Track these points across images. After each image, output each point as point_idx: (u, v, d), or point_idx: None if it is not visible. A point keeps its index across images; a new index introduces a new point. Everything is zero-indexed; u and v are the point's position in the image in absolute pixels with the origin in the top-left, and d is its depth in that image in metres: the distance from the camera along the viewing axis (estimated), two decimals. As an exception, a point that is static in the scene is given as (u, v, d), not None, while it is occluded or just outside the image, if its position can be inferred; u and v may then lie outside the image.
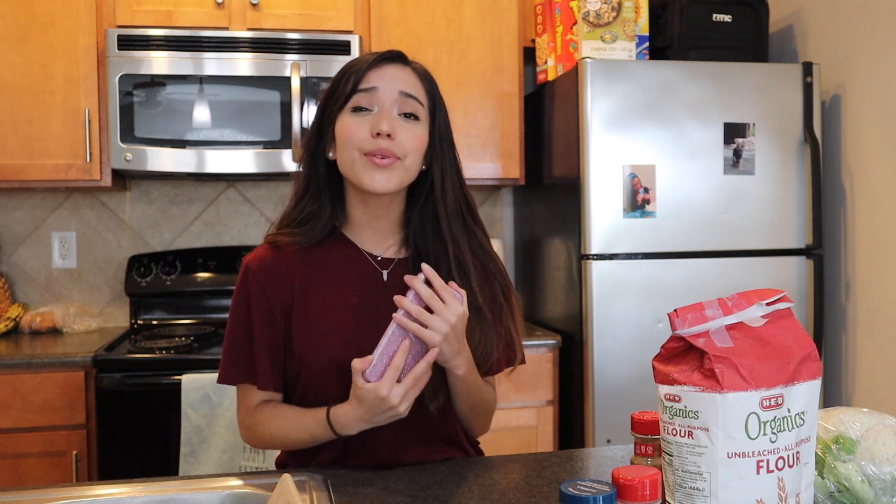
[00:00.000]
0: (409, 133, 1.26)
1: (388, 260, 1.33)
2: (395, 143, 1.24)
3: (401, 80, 1.27)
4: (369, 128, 1.24)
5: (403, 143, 1.25)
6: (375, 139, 1.23)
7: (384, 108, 1.25)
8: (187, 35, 2.48)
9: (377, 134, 1.23)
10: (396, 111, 1.26)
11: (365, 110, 1.26)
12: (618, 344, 2.36)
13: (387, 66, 1.28)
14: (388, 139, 1.23)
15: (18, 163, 2.47)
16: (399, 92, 1.26)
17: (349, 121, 1.25)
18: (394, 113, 1.26)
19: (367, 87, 1.25)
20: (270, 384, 1.29)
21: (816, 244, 2.46)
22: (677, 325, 0.84)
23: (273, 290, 1.29)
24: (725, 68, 2.43)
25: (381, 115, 1.24)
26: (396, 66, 1.29)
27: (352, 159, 1.25)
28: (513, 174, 2.76)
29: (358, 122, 1.25)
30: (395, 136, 1.24)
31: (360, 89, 1.25)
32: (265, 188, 2.95)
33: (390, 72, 1.27)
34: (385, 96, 1.25)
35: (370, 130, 1.23)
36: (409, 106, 1.27)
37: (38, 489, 1.14)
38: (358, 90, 1.25)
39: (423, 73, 1.32)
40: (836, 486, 0.93)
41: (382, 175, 1.24)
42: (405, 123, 1.26)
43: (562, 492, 0.78)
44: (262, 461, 1.87)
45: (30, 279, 2.82)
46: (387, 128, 1.23)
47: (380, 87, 1.25)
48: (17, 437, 2.21)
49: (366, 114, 1.25)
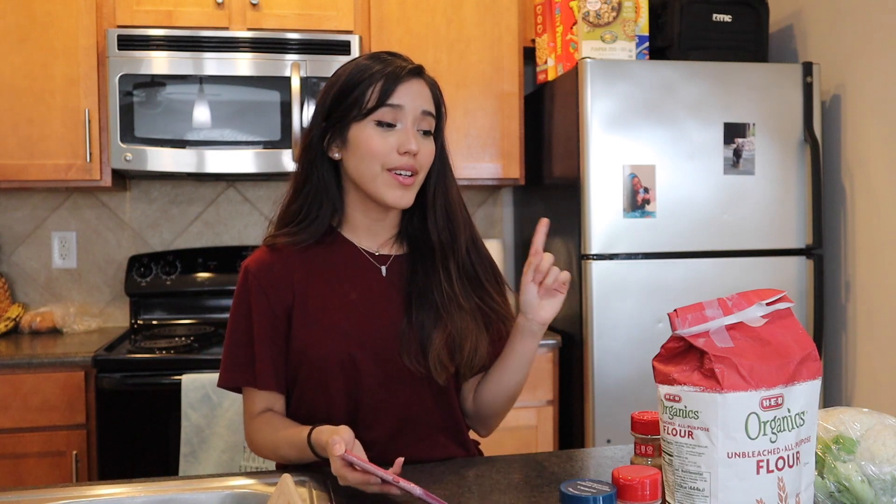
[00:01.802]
0: (426, 149, 1.30)
1: (386, 256, 1.36)
2: (417, 160, 1.28)
3: (422, 98, 1.30)
4: (396, 145, 1.26)
5: (422, 159, 1.29)
6: (402, 156, 1.26)
7: (408, 127, 1.27)
8: (187, 35, 2.48)
9: (405, 152, 1.26)
10: (416, 127, 1.29)
11: (389, 125, 1.27)
12: (618, 344, 2.36)
13: (412, 80, 1.29)
14: (413, 157, 1.27)
15: (18, 163, 2.47)
16: (421, 111, 1.29)
17: (373, 134, 1.27)
18: (415, 129, 1.29)
19: (395, 103, 1.27)
20: (272, 383, 1.29)
21: (816, 244, 2.46)
22: (677, 325, 0.84)
23: (273, 288, 1.30)
24: (725, 68, 2.43)
25: (407, 134, 1.27)
26: (418, 80, 1.31)
27: (374, 173, 1.27)
28: (513, 174, 2.76)
29: (383, 136, 1.27)
30: (419, 153, 1.28)
31: (388, 104, 1.26)
32: (265, 188, 2.95)
33: (414, 88, 1.29)
34: (409, 114, 1.28)
35: (397, 148, 1.26)
36: (427, 123, 1.30)
37: (38, 489, 1.14)
38: (385, 104, 1.26)
39: (433, 84, 1.35)
40: (836, 486, 0.93)
41: (406, 193, 1.28)
42: (423, 139, 1.30)
43: (562, 492, 0.78)
44: (262, 461, 1.87)
45: (30, 279, 2.82)
46: (415, 147, 1.26)
47: (406, 105, 1.27)
48: (17, 437, 2.21)
49: (390, 130, 1.27)
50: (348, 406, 1.29)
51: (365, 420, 1.29)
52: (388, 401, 1.29)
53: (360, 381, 1.28)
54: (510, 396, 1.37)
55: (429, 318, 1.29)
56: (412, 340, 1.28)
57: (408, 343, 1.28)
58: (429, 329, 1.28)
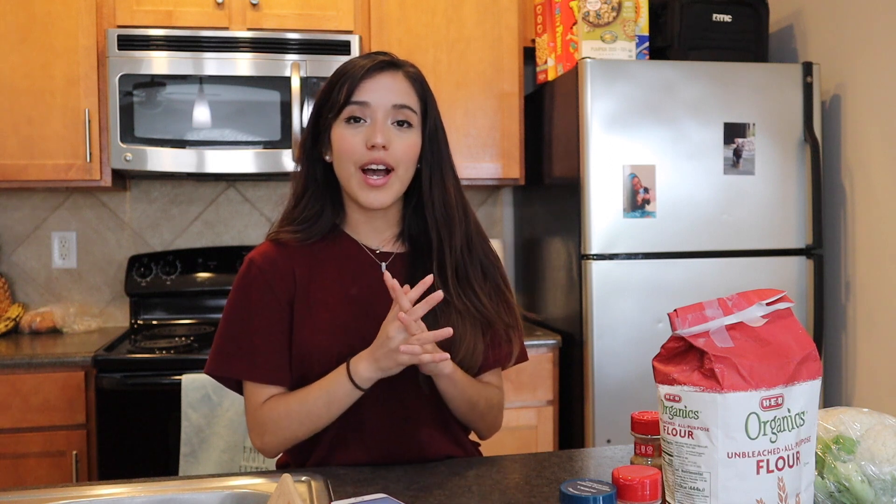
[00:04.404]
0: (402, 142, 1.28)
1: (387, 254, 1.36)
2: (389, 154, 1.27)
3: (393, 91, 1.28)
4: (363, 140, 1.26)
5: (397, 152, 1.27)
6: (370, 151, 1.26)
7: (377, 120, 1.27)
8: (187, 35, 2.48)
9: (371, 146, 1.25)
10: (390, 121, 1.28)
11: (359, 120, 1.28)
12: (618, 344, 2.36)
13: (379, 75, 1.28)
14: (383, 150, 1.26)
15: (18, 163, 2.47)
16: (392, 105, 1.28)
17: (344, 132, 1.28)
18: (388, 123, 1.28)
19: (360, 100, 1.27)
20: (275, 377, 1.29)
21: (816, 244, 2.46)
22: (677, 325, 0.84)
23: (277, 281, 1.31)
24: (725, 68, 2.43)
25: (374, 128, 1.26)
26: (388, 73, 1.29)
27: (348, 173, 1.28)
28: (513, 174, 2.76)
29: (352, 133, 1.27)
30: (390, 146, 1.27)
31: (353, 101, 1.27)
32: (265, 188, 2.95)
33: (383, 81, 1.28)
34: (378, 109, 1.27)
35: (364, 143, 1.26)
36: (402, 114, 1.29)
37: (38, 489, 1.14)
38: (351, 102, 1.27)
39: (415, 75, 1.33)
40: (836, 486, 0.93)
41: (378, 194, 1.28)
42: (399, 132, 1.28)
43: (562, 492, 0.78)
44: (263, 461, 1.87)
45: (30, 279, 2.82)
46: (381, 140, 1.25)
47: (373, 101, 1.27)
48: (17, 437, 2.21)
49: (360, 125, 1.28)
50: None
51: (362, 416, 1.29)
52: (386, 397, 1.29)
53: None
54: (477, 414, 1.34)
55: (427, 318, 1.29)
56: None
57: None
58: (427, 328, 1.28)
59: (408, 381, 1.29)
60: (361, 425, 1.28)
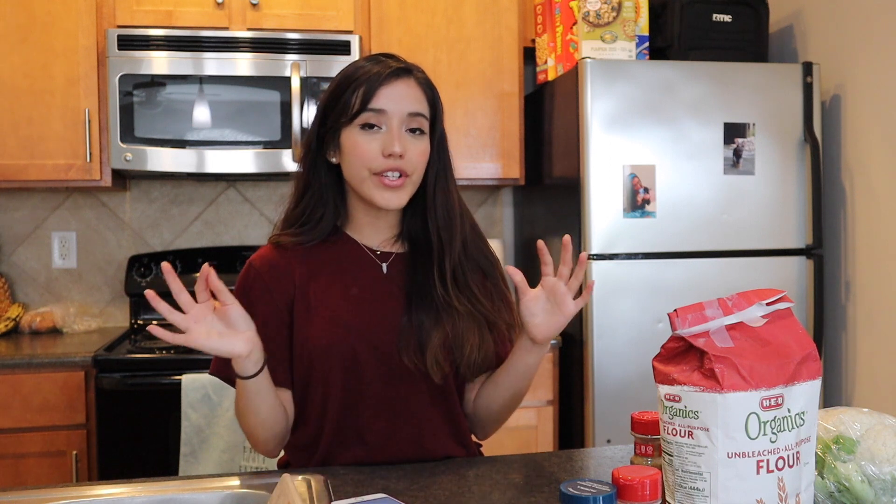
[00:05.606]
0: (416, 149, 1.29)
1: (387, 254, 1.37)
2: (405, 161, 1.27)
3: (409, 98, 1.29)
4: (380, 148, 1.26)
5: (412, 159, 1.28)
6: (386, 159, 1.26)
7: (393, 128, 1.27)
8: (187, 35, 2.48)
9: (389, 155, 1.26)
10: (404, 128, 1.28)
11: (374, 127, 1.27)
12: (618, 344, 2.36)
13: (395, 82, 1.28)
14: (400, 158, 1.26)
15: (18, 163, 2.47)
16: (408, 112, 1.28)
17: (359, 139, 1.27)
18: (402, 131, 1.28)
19: (377, 107, 1.27)
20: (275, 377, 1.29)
21: (816, 244, 2.46)
22: (677, 325, 0.84)
23: (277, 283, 1.31)
24: (725, 68, 2.43)
25: (391, 136, 1.26)
26: (403, 80, 1.30)
27: (361, 177, 1.28)
28: (513, 174, 2.75)
29: (368, 140, 1.27)
30: (405, 154, 1.27)
31: (370, 108, 1.27)
32: (265, 188, 2.95)
33: (399, 89, 1.28)
34: (394, 117, 1.27)
35: (381, 150, 1.26)
36: (416, 122, 1.30)
37: (38, 489, 1.14)
38: (367, 109, 1.27)
39: (426, 82, 1.34)
40: (836, 486, 0.93)
41: (394, 194, 1.28)
42: (412, 139, 1.29)
43: (562, 492, 0.78)
44: (263, 461, 1.87)
45: (30, 279, 2.82)
46: (399, 149, 1.26)
47: (389, 108, 1.27)
48: (17, 437, 2.21)
49: (375, 132, 1.27)
50: (346, 400, 1.29)
51: (363, 415, 1.29)
52: (387, 396, 1.29)
53: (360, 375, 1.28)
54: (505, 405, 1.36)
55: (428, 318, 1.29)
56: (411, 338, 1.29)
57: (406, 340, 1.29)
58: (428, 328, 1.29)
59: (409, 380, 1.29)
60: (362, 425, 1.28)
